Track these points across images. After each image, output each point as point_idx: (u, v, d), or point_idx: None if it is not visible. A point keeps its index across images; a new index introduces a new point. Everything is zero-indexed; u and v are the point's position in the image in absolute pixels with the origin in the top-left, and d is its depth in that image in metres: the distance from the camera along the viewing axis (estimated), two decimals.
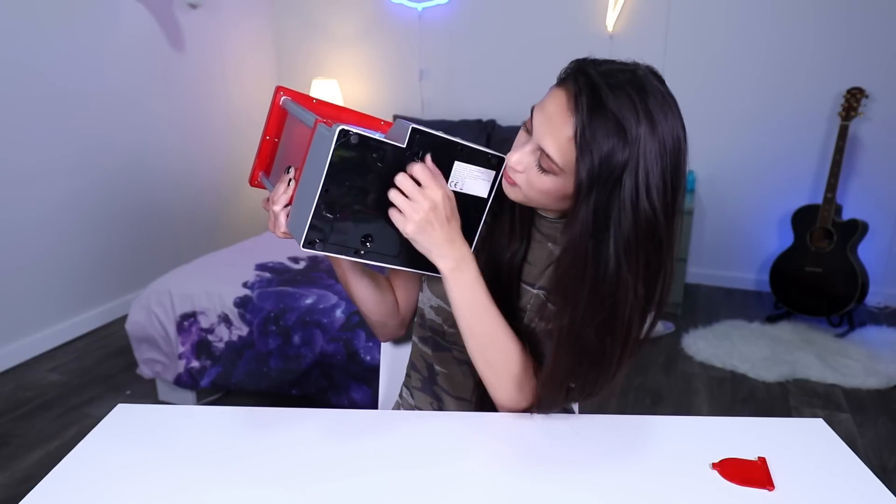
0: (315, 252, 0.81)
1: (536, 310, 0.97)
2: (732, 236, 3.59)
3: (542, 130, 0.82)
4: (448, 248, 0.85)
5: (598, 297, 0.80)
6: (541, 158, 0.83)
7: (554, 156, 0.81)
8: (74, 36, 2.79)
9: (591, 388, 0.88)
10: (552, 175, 0.83)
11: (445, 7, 3.75)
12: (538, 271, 0.98)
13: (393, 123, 0.97)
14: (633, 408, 2.43)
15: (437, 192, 0.81)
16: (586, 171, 0.77)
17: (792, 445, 0.89)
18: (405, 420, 0.98)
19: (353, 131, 0.76)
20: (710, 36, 3.35)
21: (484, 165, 0.89)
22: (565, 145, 0.80)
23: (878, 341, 2.94)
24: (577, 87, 0.78)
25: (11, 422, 2.28)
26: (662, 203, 0.78)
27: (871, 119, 3.18)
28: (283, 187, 0.85)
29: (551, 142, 0.81)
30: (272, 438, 0.88)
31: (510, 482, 0.80)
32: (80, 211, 2.90)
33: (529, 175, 0.85)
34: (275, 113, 0.95)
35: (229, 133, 3.79)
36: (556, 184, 0.84)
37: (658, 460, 0.85)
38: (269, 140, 0.97)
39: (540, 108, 0.84)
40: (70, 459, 0.83)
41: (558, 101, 0.81)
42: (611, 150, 0.75)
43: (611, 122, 0.75)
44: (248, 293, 2.21)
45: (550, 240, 0.97)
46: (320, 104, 0.95)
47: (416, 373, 1.15)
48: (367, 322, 1.13)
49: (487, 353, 0.91)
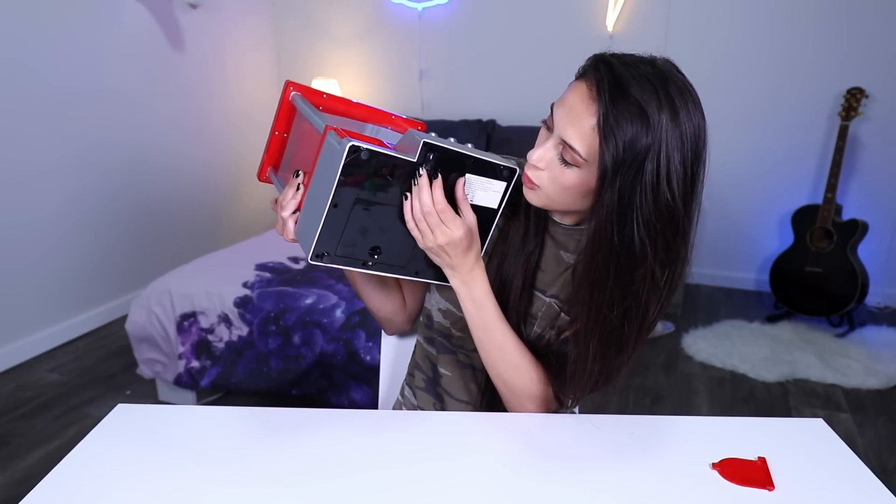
0: (323, 264, 0.81)
1: (549, 319, 0.97)
2: (732, 236, 3.59)
3: (564, 122, 0.82)
4: (458, 270, 0.87)
5: (623, 280, 0.82)
6: (563, 151, 0.83)
7: (578, 146, 0.81)
8: (74, 36, 2.79)
9: (615, 374, 0.90)
10: (575, 168, 0.83)
11: (445, 7, 3.75)
12: (550, 279, 0.98)
13: (402, 119, 0.97)
14: (633, 408, 2.43)
15: (456, 231, 0.82)
16: (611, 156, 0.77)
17: (792, 445, 0.89)
18: (405, 420, 0.98)
19: (363, 147, 0.74)
20: (710, 36, 3.35)
21: (495, 177, 0.88)
22: (589, 134, 0.80)
23: (878, 341, 2.94)
24: (599, 75, 0.79)
25: (11, 422, 2.28)
26: (682, 191, 0.79)
27: (871, 119, 3.18)
28: (292, 192, 0.84)
29: (574, 132, 0.81)
30: (272, 438, 0.88)
31: (510, 482, 0.80)
32: (80, 211, 2.90)
33: (552, 171, 0.85)
34: (284, 108, 0.94)
35: (229, 133, 3.79)
36: (580, 177, 0.83)
37: (658, 460, 0.85)
38: (277, 135, 0.96)
39: (560, 102, 0.84)
40: (70, 459, 0.83)
41: (579, 92, 0.81)
42: (634, 135, 0.76)
43: (634, 107, 0.76)
44: (248, 293, 2.21)
45: (563, 248, 0.97)
46: (330, 98, 0.93)
47: (421, 373, 1.15)
48: (375, 317, 1.14)
49: (499, 368, 0.94)
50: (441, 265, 0.88)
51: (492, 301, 0.91)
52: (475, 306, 0.90)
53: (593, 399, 2.46)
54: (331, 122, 0.81)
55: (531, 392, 0.94)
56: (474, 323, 0.92)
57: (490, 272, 0.96)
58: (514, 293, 0.97)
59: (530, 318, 0.99)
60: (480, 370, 1.05)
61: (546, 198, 0.88)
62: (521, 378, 0.93)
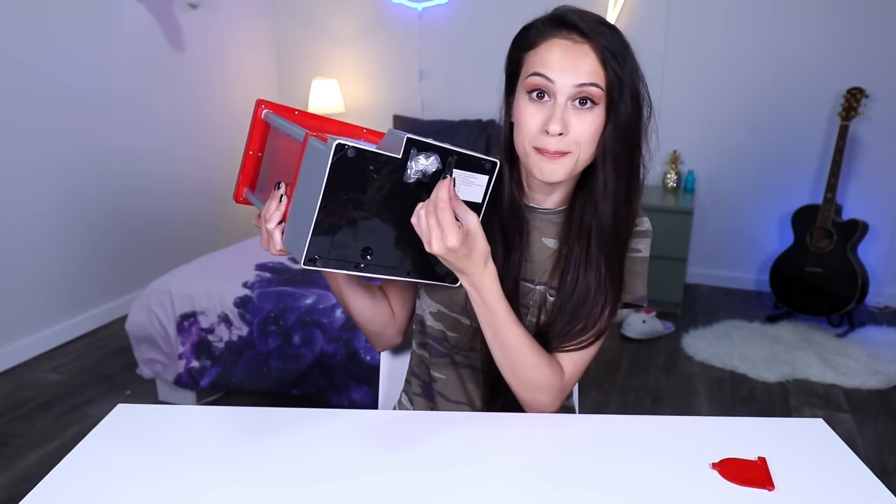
0: (316, 269, 0.81)
1: (539, 306, 0.99)
2: (732, 236, 3.59)
3: (566, 74, 0.87)
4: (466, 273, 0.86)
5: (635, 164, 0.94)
6: (581, 97, 0.87)
7: (594, 79, 0.86)
8: (74, 35, 2.79)
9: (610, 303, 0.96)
10: (595, 108, 0.88)
11: (445, 7, 3.75)
12: (538, 268, 1.00)
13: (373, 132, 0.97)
14: (633, 408, 2.43)
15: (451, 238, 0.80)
16: (617, 75, 0.86)
17: (792, 445, 0.89)
18: (405, 420, 0.98)
19: (349, 145, 0.75)
20: (710, 36, 3.35)
21: (478, 171, 0.89)
22: (595, 66, 0.86)
23: (878, 341, 2.94)
24: (572, 24, 0.87)
25: (11, 422, 2.28)
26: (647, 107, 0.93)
27: (871, 119, 3.18)
28: (275, 204, 0.83)
29: (584, 71, 0.86)
30: (272, 438, 0.88)
31: (510, 481, 0.80)
32: (80, 210, 2.90)
33: (574, 128, 0.88)
34: (257, 127, 0.94)
35: (229, 133, 3.79)
36: (599, 116, 0.88)
37: (658, 460, 0.85)
38: (252, 155, 0.96)
39: (544, 64, 0.88)
40: (70, 459, 0.83)
41: (562, 46, 0.87)
42: (624, 55, 0.87)
43: (616, 37, 0.87)
44: (248, 293, 2.21)
45: (544, 234, 1.00)
46: (303, 115, 0.94)
47: (417, 379, 1.15)
48: (363, 333, 1.12)
49: (514, 367, 0.94)
50: (450, 269, 0.87)
51: (503, 304, 0.90)
52: (486, 310, 0.90)
53: (593, 399, 2.47)
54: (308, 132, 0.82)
55: (546, 387, 0.95)
56: (487, 326, 0.91)
57: None
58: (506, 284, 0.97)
59: (522, 309, 1.00)
60: (480, 369, 1.05)
61: (573, 161, 0.90)
62: (538, 376, 0.94)
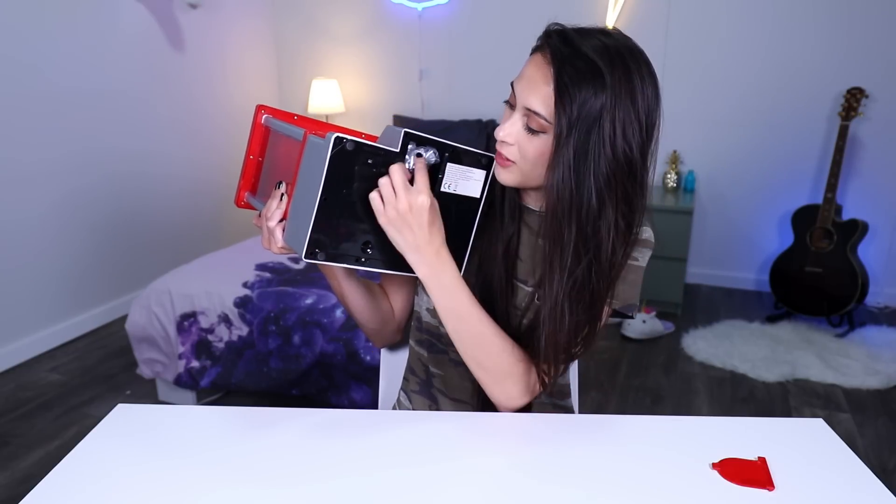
0: (317, 262, 0.81)
1: (535, 309, 0.97)
2: (732, 236, 3.59)
3: (525, 92, 0.86)
4: (424, 253, 0.85)
5: (584, 234, 0.84)
6: (529, 120, 0.86)
7: (540, 109, 0.84)
8: (74, 35, 2.79)
9: (590, 337, 0.91)
10: (542, 135, 0.86)
11: (445, 7, 3.75)
12: (530, 267, 0.99)
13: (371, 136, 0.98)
14: (633, 408, 2.43)
15: (419, 196, 0.81)
16: (566, 115, 0.80)
17: (792, 445, 0.89)
18: (405, 420, 0.98)
19: (348, 139, 0.77)
20: (711, 36, 3.35)
21: (475, 166, 0.90)
22: (549, 97, 0.83)
23: (878, 341, 2.94)
24: (553, 42, 0.84)
25: (11, 422, 2.28)
26: (639, 142, 0.83)
27: (871, 119, 3.18)
28: (276, 202, 0.85)
29: (536, 98, 0.84)
30: (272, 438, 0.88)
31: (509, 482, 0.80)
32: (81, 210, 2.90)
33: (521, 144, 0.87)
34: (257, 132, 0.96)
35: (229, 133, 3.79)
36: (547, 143, 0.85)
37: (658, 460, 0.85)
38: (252, 160, 0.98)
39: (519, 76, 0.88)
40: (70, 459, 0.83)
41: (535, 62, 0.86)
42: (590, 92, 0.80)
43: (587, 67, 0.80)
44: (248, 293, 2.21)
45: (538, 234, 0.99)
46: (302, 120, 0.95)
47: (414, 376, 1.15)
48: (363, 330, 1.12)
49: (477, 355, 0.92)
50: (405, 249, 0.84)
51: (463, 287, 0.88)
52: (446, 294, 0.88)
53: (593, 399, 2.47)
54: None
55: (513, 373, 0.92)
56: (448, 313, 0.89)
57: (472, 268, 0.97)
58: (498, 283, 0.97)
59: (515, 310, 0.99)
60: None
61: (519, 173, 0.89)
62: (501, 362, 0.91)
